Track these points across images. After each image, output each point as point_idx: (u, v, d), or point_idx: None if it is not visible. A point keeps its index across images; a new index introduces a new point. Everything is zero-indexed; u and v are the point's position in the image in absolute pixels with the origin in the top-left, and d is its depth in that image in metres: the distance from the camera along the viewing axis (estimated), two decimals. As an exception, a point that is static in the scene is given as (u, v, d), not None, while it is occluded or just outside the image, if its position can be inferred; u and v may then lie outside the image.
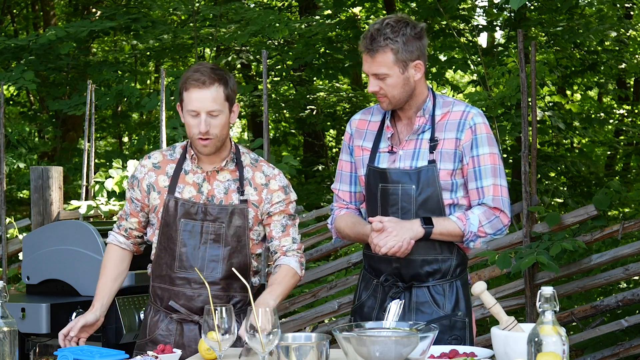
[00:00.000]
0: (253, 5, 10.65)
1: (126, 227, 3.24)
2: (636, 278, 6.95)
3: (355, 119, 3.24)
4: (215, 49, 10.38)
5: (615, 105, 11.21)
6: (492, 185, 3.03)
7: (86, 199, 6.45)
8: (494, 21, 9.09)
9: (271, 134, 12.03)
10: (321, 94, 10.48)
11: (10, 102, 11.50)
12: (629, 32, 9.84)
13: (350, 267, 5.96)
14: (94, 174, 6.57)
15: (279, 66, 10.20)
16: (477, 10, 9.77)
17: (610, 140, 10.85)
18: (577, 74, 9.15)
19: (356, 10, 10.22)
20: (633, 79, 11.18)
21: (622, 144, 10.72)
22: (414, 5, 9.60)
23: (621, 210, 8.32)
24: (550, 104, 8.76)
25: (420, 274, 3.04)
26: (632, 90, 11.40)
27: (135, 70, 10.88)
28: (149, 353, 2.73)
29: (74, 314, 4.07)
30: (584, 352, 5.83)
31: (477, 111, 3.08)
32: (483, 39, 11.48)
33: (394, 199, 3.03)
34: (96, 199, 6.41)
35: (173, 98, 7.38)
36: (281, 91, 10.92)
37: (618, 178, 9.50)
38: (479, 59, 8.28)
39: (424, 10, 8.51)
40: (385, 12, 10.70)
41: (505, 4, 8.40)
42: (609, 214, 7.63)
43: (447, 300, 3.05)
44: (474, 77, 8.91)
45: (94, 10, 11.68)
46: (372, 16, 11.10)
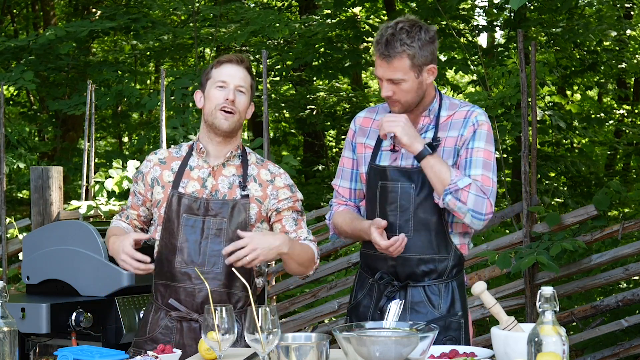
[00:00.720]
0: (253, 5, 10.66)
1: (127, 215, 3.26)
2: (636, 278, 6.95)
3: (360, 117, 3.25)
4: (215, 49, 10.38)
5: (615, 105, 11.21)
6: (482, 175, 2.99)
7: (86, 199, 6.45)
8: (494, 21, 9.09)
9: (271, 134, 12.03)
10: (321, 94, 10.49)
11: (10, 102, 11.50)
12: (628, 32, 9.85)
13: (350, 267, 5.97)
14: (94, 174, 6.57)
15: (279, 66, 10.19)
16: (477, 10, 9.78)
17: (610, 140, 10.85)
18: (577, 74, 9.15)
19: (356, 10, 10.22)
20: (633, 79, 11.18)
21: (622, 144, 10.72)
22: (414, 5, 9.59)
23: (621, 210, 8.32)
24: (550, 104, 8.76)
25: (416, 273, 3.04)
26: (632, 90, 11.40)
27: (135, 70, 10.88)
28: (149, 353, 2.73)
29: (74, 314, 4.07)
30: (584, 352, 5.83)
31: (482, 111, 3.10)
32: (483, 39, 11.50)
33: (393, 197, 3.03)
34: (96, 199, 6.41)
35: (173, 98, 7.38)
36: (281, 91, 10.92)
37: (618, 178, 9.50)
38: (479, 59, 8.28)
39: (424, 10, 8.51)
40: (385, 12, 10.71)
41: (505, 4, 8.40)
42: (609, 214, 7.63)
43: (443, 300, 3.04)
44: (474, 77, 8.92)
45: (94, 10, 11.69)
46: (372, 16, 11.11)
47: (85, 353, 2.81)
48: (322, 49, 9.20)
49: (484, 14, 9.67)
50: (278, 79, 10.83)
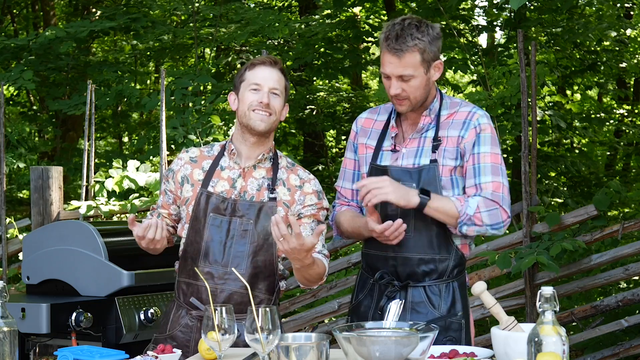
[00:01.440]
0: (253, 5, 10.65)
1: (159, 213, 3.25)
2: (636, 278, 6.95)
3: (361, 118, 3.25)
4: (215, 49, 10.38)
5: (615, 105, 11.21)
6: (492, 182, 3.00)
7: (86, 199, 6.45)
8: (494, 21, 9.09)
9: (271, 134, 12.00)
10: (321, 94, 10.48)
11: (10, 102, 11.50)
12: (628, 32, 9.84)
13: (350, 267, 5.97)
14: (94, 174, 6.57)
15: (279, 66, 10.17)
16: (477, 10, 9.77)
17: (610, 140, 10.85)
18: (577, 74, 9.15)
19: (356, 10, 10.22)
20: (633, 79, 11.18)
21: (622, 144, 10.72)
22: (414, 5, 9.59)
23: (621, 210, 8.32)
24: (551, 104, 8.76)
25: (416, 272, 3.04)
26: (632, 90, 11.40)
27: (135, 70, 10.88)
28: (149, 353, 2.74)
29: (74, 314, 4.07)
30: (584, 352, 5.83)
31: (484, 112, 3.09)
32: (483, 39, 11.49)
33: None
34: (96, 199, 6.41)
35: (173, 98, 7.38)
36: (281, 91, 10.89)
37: (618, 178, 9.50)
38: (479, 59, 8.28)
39: (424, 10, 8.50)
40: (385, 12, 10.71)
41: (505, 4, 8.40)
42: (609, 214, 7.63)
43: (443, 301, 3.04)
44: (474, 77, 8.91)
45: (94, 10, 11.69)
46: (372, 16, 11.11)
47: (85, 353, 2.81)
48: (322, 49, 9.20)
49: (484, 14, 9.66)
50: (278, 79, 10.79)
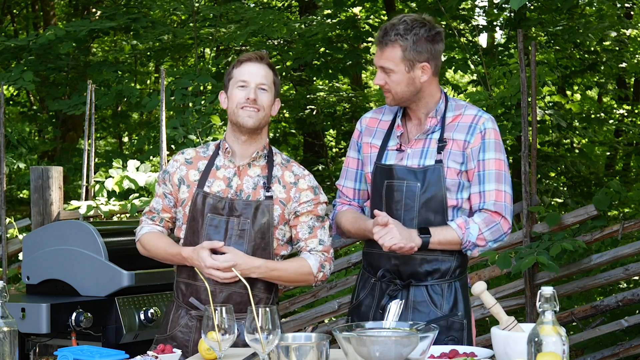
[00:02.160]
0: (253, 5, 10.65)
1: (162, 218, 3.24)
2: (636, 278, 6.95)
3: (366, 117, 3.27)
4: (215, 49, 10.38)
5: (615, 105, 11.20)
6: (495, 191, 3.03)
7: (86, 199, 6.45)
8: (494, 21, 9.09)
9: (271, 134, 12.03)
10: (321, 94, 10.48)
11: (10, 102, 11.50)
12: (628, 32, 9.84)
13: (350, 267, 5.97)
14: (94, 174, 6.57)
15: (279, 66, 10.19)
16: (477, 10, 9.77)
17: (610, 140, 10.84)
18: (577, 74, 9.15)
19: (356, 10, 10.22)
20: (633, 79, 11.17)
21: (622, 144, 10.72)
22: (414, 5, 9.59)
23: (621, 210, 8.32)
24: (550, 104, 8.76)
25: (419, 272, 3.05)
26: (632, 90, 11.39)
27: (135, 70, 10.87)
28: (149, 353, 2.74)
29: (74, 314, 4.07)
30: (584, 352, 5.83)
31: (489, 117, 3.11)
32: (483, 39, 11.48)
33: (398, 196, 3.04)
34: (96, 199, 6.40)
35: (173, 98, 7.38)
36: (281, 91, 10.90)
37: (618, 178, 9.49)
38: (479, 59, 8.28)
39: (424, 10, 8.49)
40: (385, 12, 10.71)
41: (505, 4, 8.40)
42: (609, 214, 7.62)
43: (445, 300, 3.04)
44: (474, 77, 8.91)
45: (94, 10, 11.68)
46: (372, 16, 11.11)
47: (85, 353, 2.81)
48: (322, 49, 9.20)
49: (484, 14, 9.66)
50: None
